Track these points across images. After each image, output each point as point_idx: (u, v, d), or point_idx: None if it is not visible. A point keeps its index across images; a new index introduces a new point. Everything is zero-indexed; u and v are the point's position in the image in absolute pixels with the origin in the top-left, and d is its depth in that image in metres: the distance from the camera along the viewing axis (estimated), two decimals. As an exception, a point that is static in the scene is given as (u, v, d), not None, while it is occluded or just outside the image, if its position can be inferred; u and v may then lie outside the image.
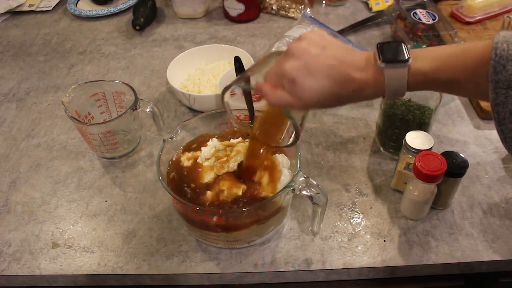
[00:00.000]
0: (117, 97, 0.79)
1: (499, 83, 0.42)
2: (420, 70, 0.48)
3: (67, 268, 0.64)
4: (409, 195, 0.65)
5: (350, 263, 0.63)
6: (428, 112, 0.69)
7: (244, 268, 0.63)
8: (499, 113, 0.44)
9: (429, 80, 0.49)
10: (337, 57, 0.49)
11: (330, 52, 0.49)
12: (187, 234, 0.67)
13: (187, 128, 0.68)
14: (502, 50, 0.42)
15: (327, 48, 0.50)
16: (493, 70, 0.42)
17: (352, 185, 0.73)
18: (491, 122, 0.83)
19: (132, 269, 0.63)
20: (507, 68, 0.42)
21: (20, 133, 0.85)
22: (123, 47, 1.07)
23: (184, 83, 0.90)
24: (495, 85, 0.43)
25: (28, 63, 1.03)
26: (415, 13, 0.98)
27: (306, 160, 0.77)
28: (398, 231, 0.67)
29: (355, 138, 0.81)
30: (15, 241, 0.67)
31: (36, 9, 1.22)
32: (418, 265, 0.63)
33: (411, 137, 0.66)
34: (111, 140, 0.75)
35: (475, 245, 0.64)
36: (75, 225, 0.69)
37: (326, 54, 0.49)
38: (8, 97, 0.94)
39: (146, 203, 0.72)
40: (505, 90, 0.42)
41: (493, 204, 0.70)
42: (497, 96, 0.43)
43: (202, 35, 1.11)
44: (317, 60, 0.49)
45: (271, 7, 1.17)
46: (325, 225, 0.68)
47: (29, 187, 0.75)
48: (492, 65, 0.42)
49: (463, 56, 0.47)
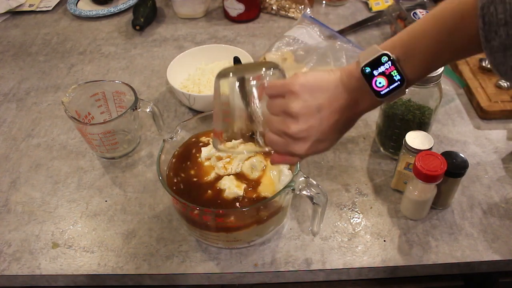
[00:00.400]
0: (117, 97, 0.79)
1: (494, 48, 0.40)
2: (417, 74, 0.47)
3: (67, 268, 0.64)
4: (409, 195, 0.65)
5: (350, 263, 0.63)
6: (428, 112, 0.69)
7: (244, 268, 0.63)
8: (500, 70, 0.42)
9: (426, 73, 0.48)
10: (331, 105, 0.49)
11: (325, 106, 0.49)
12: (187, 234, 0.67)
13: (187, 128, 0.68)
14: (490, 15, 0.39)
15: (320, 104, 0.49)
16: (485, 39, 0.40)
17: (352, 185, 0.73)
18: (491, 122, 0.83)
19: (132, 269, 0.63)
20: (499, 34, 0.39)
21: (20, 133, 0.85)
22: (123, 47, 1.07)
23: (184, 83, 0.90)
24: (491, 51, 0.41)
25: (28, 63, 1.03)
26: (415, 13, 0.98)
27: (306, 160, 0.77)
28: (398, 231, 0.67)
29: (355, 138, 0.81)
30: (15, 241, 0.67)
31: (36, 9, 1.22)
32: (418, 265, 0.63)
33: (411, 137, 0.66)
34: (111, 140, 0.75)
35: (475, 245, 0.64)
36: (75, 225, 0.69)
37: (325, 113, 0.49)
38: (8, 97, 0.94)
39: (146, 203, 0.72)
40: (502, 53, 0.40)
41: (493, 204, 0.70)
42: (495, 59, 0.41)
43: (202, 35, 1.11)
44: (322, 129, 0.50)
45: (271, 7, 1.17)
46: (325, 225, 0.68)
47: (29, 187, 0.75)
48: (482, 34, 0.40)
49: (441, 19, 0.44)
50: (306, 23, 0.99)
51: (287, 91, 0.50)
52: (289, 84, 0.50)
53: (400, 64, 0.46)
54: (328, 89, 0.49)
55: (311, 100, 0.49)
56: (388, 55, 0.46)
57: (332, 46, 0.91)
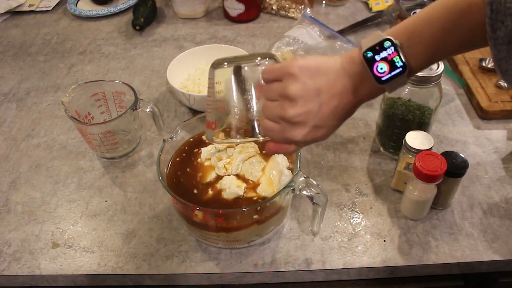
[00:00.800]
0: (117, 97, 0.79)
1: (499, 39, 0.40)
2: (420, 63, 0.46)
3: (67, 268, 0.64)
4: (409, 195, 0.65)
5: (350, 263, 0.63)
6: (428, 112, 0.69)
7: (244, 268, 0.63)
8: (502, 66, 0.41)
9: (430, 63, 0.47)
10: (331, 89, 0.48)
11: (324, 90, 0.48)
12: (187, 234, 0.67)
13: (187, 128, 0.68)
14: (498, 3, 0.38)
15: (319, 87, 0.48)
16: (490, 29, 0.39)
17: (352, 185, 0.73)
18: (491, 122, 0.83)
19: (132, 269, 0.63)
20: (506, 24, 0.38)
21: (20, 133, 0.85)
22: (123, 47, 1.07)
23: (184, 83, 0.90)
24: (495, 42, 0.40)
25: (28, 63, 1.03)
26: (415, 13, 0.98)
27: (306, 160, 0.77)
28: (398, 231, 0.67)
29: (355, 138, 0.81)
30: (15, 241, 0.67)
31: (36, 9, 1.22)
32: (418, 265, 0.63)
33: (411, 137, 0.66)
34: (111, 140, 0.75)
35: (475, 245, 0.64)
36: (75, 225, 0.69)
37: (324, 97, 0.48)
38: (8, 97, 0.94)
39: (146, 203, 0.72)
40: (506, 46, 0.40)
41: (493, 204, 0.70)
42: (499, 52, 0.40)
43: (202, 35, 1.11)
44: (321, 114, 0.48)
45: (271, 7, 1.17)
46: (325, 225, 0.68)
47: (29, 187, 0.75)
48: (489, 23, 0.39)
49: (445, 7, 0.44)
50: (306, 23, 0.99)
51: (285, 73, 0.48)
52: (288, 67, 0.48)
53: (403, 51, 0.45)
54: (328, 73, 0.48)
55: (310, 83, 0.47)
56: (392, 40, 0.45)
57: (332, 46, 0.91)
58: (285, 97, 0.48)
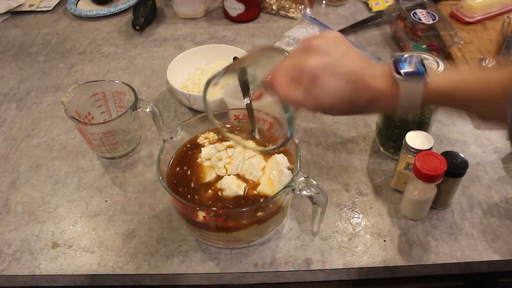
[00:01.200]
0: (117, 97, 0.79)
1: None
2: (438, 86, 0.48)
3: (67, 268, 0.64)
4: (409, 195, 0.65)
5: (350, 263, 0.63)
6: (428, 112, 0.69)
7: (244, 268, 0.63)
8: None
9: (445, 97, 0.49)
10: (358, 64, 0.49)
11: (352, 58, 0.49)
12: (187, 234, 0.67)
13: (187, 128, 0.68)
14: None
15: (349, 54, 0.50)
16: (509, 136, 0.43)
17: (352, 185, 0.73)
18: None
19: (132, 269, 0.63)
20: None
21: (20, 133, 0.85)
22: (123, 47, 1.07)
23: (184, 83, 0.90)
24: None
25: (28, 63, 1.03)
26: (415, 13, 0.98)
27: (306, 160, 0.77)
28: (398, 231, 0.67)
29: (355, 138, 0.81)
30: (15, 241, 0.67)
31: (36, 9, 1.22)
32: (418, 265, 0.63)
33: (411, 137, 0.66)
34: (111, 140, 0.75)
35: (475, 245, 0.64)
36: (75, 225, 0.69)
37: (349, 58, 0.49)
38: (8, 97, 0.94)
39: (146, 203, 0.72)
40: None
41: (493, 204, 0.70)
42: None
43: (202, 35, 1.11)
44: (341, 62, 0.49)
45: (271, 7, 1.17)
46: (325, 225, 0.68)
47: (29, 187, 0.75)
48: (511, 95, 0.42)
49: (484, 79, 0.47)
50: (306, 23, 1.00)
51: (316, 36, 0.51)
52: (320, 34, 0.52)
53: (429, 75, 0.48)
54: (357, 52, 0.51)
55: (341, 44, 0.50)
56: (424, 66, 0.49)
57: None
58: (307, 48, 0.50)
